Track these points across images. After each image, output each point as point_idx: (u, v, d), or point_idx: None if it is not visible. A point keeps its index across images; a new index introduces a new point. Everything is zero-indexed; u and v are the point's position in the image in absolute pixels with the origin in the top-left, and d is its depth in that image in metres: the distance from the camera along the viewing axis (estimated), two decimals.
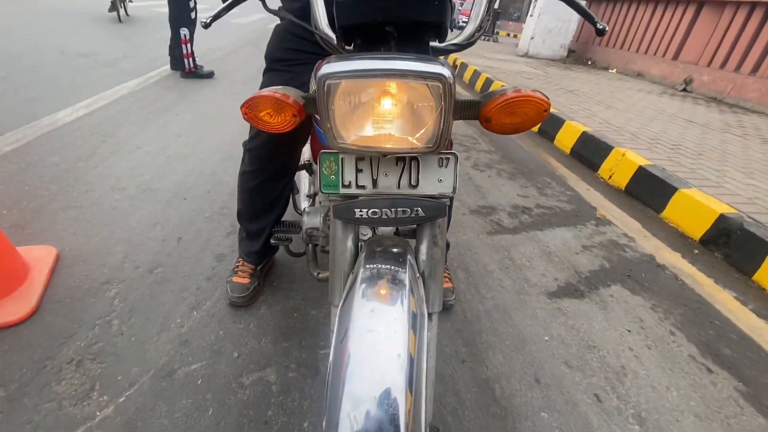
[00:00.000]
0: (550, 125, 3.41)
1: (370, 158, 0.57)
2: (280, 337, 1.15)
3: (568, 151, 3.13)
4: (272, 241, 1.16)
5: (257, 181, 1.11)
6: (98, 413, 0.90)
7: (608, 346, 1.29)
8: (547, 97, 0.49)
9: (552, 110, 3.51)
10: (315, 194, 1.29)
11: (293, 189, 1.37)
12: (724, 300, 1.60)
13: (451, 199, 0.64)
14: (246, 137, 1.12)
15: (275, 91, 0.52)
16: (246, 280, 1.22)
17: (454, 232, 1.80)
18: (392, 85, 0.45)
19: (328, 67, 0.45)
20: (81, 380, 0.96)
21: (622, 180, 2.56)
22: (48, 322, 1.11)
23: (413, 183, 0.57)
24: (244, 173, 1.13)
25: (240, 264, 1.26)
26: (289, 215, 1.33)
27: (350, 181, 0.58)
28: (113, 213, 1.62)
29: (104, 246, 1.42)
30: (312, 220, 0.92)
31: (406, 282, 0.51)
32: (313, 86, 0.53)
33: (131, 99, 3.00)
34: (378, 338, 0.44)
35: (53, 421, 0.87)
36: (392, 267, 0.54)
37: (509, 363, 1.17)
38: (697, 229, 2.03)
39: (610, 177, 2.66)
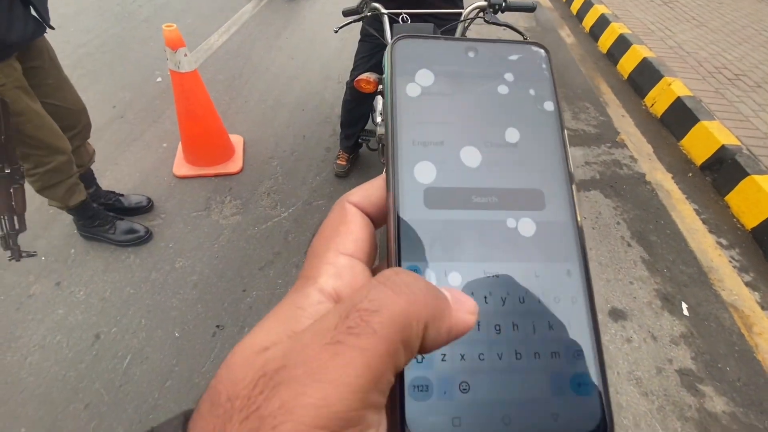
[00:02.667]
0: (618, 48, 3.51)
1: None
2: None
3: (626, 76, 3.32)
4: (359, 140, 2.02)
5: (352, 105, 1.92)
6: (281, 215, 1.95)
7: None
8: None
9: (624, 31, 3.56)
10: None
11: (372, 108, 2.17)
12: (683, 210, 2.14)
13: None
14: (338, 67, 1.91)
15: (368, 75, 1.30)
16: (344, 162, 2.13)
17: None
18: None
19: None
20: (270, 201, 2.01)
21: (660, 109, 2.84)
22: (248, 175, 2.17)
23: None
24: (345, 101, 1.94)
25: (340, 153, 2.16)
26: (369, 126, 2.16)
27: None
28: (264, 117, 2.60)
29: (264, 137, 2.43)
30: (382, 130, 1.72)
31: None
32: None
33: (252, 24, 3.84)
34: None
35: (264, 214, 1.94)
36: None
37: None
38: (700, 157, 2.42)
39: (652, 105, 2.93)
